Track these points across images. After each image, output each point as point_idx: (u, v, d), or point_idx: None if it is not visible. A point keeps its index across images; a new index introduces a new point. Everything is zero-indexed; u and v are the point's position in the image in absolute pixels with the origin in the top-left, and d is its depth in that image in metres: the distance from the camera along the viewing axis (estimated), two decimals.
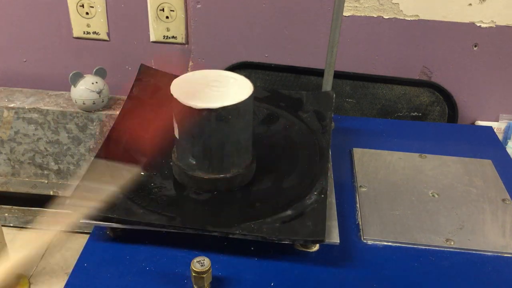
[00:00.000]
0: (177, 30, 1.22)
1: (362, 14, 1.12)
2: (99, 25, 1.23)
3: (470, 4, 1.07)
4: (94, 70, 1.15)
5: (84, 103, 1.14)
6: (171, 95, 0.57)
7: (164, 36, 1.23)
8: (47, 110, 1.21)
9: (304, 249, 0.61)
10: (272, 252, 0.60)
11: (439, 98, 1.16)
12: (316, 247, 0.61)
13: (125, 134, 0.72)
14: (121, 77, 1.28)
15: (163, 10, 1.19)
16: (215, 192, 0.63)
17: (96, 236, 0.62)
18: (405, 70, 1.17)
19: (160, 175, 0.66)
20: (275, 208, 0.60)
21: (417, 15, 1.10)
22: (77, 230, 1.40)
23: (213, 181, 0.62)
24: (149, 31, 1.23)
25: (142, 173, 0.66)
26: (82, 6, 1.21)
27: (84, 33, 1.25)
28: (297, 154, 0.70)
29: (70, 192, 0.60)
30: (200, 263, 0.52)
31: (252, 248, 0.60)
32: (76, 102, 1.15)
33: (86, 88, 1.13)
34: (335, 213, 0.63)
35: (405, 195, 0.71)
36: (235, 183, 0.63)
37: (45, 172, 1.31)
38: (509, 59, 1.13)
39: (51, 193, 1.32)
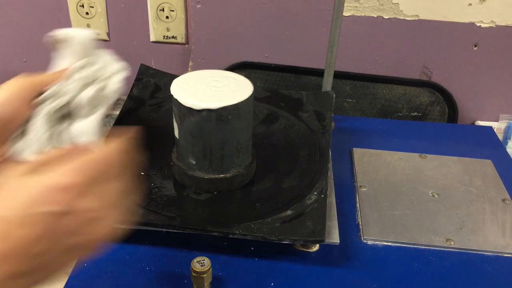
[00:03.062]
0: (177, 30, 1.22)
1: (362, 14, 1.12)
2: (99, 25, 1.23)
3: (470, 4, 1.07)
4: None
5: None
6: (171, 95, 0.57)
7: (164, 36, 1.23)
8: None
9: (304, 249, 0.61)
10: (272, 252, 0.60)
11: (439, 98, 1.16)
12: (316, 247, 0.61)
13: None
14: None
15: (163, 10, 1.19)
16: (215, 192, 0.63)
17: None
18: (405, 70, 1.17)
19: (160, 175, 0.66)
20: (275, 208, 0.60)
21: (417, 15, 1.10)
22: None
23: (213, 181, 0.62)
24: (149, 31, 1.23)
25: (142, 173, 0.66)
26: (82, 6, 1.21)
27: None
28: (297, 154, 0.70)
29: None
30: (200, 263, 0.52)
31: (252, 248, 0.60)
32: None
33: None
34: (335, 213, 0.63)
35: (405, 195, 0.71)
36: (235, 183, 0.63)
37: None
38: (509, 59, 1.13)
39: None
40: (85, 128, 0.52)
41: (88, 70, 0.53)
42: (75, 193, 0.36)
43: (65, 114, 0.53)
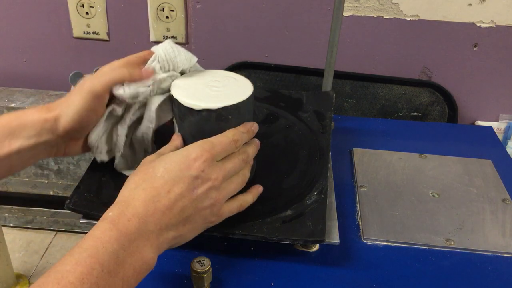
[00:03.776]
0: (177, 30, 1.22)
1: (362, 14, 1.12)
2: (99, 25, 1.23)
3: (470, 4, 1.08)
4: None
5: None
6: (171, 95, 0.57)
7: (164, 36, 1.23)
8: None
9: (304, 249, 0.61)
10: (272, 252, 0.60)
11: (439, 98, 1.17)
12: (316, 247, 0.61)
13: None
14: None
15: (163, 10, 1.19)
16: None
17: None
18: (405, 70, 1.17)
19: None
20: (275, 208, 0.60)
21: (417, 15, 1.10)
22: (77, 230, 1.41)
23: None
24: (149, 31, 1.23)
25: None
26: (82, 6, 1.21)
27: (84, 33, 1.25)
28: (297, 154, 0.70)
29: (70, 192, 0.60)
30: (200, 263, 0.52)
31: (252, 248, 0.60)
32: None
33: None
34: (335, 213, 0.63)
35: (405, 195, 0.71)
36: None
37: (45, 172, 1.32)
38: (509, 59, 1.13)
39: (51, 193, 1.33)
40: (141, 133, 0.59)
41: (167, 83, 0.58)
42: (205, 163, 0.48)
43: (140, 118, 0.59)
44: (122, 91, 0.55)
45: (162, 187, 0.46)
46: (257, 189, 0.58)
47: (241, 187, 0.55)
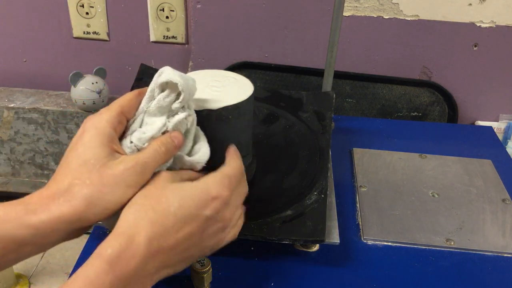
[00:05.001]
0: (177, 30, 1.22)
1: (362, 14, 1.12)
2: (99, 25, 1.23)
3: (470, 4, 1.08)
4: (94, 70, 1.15)
5: (84, 103, 1.14)
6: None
7: (164, 36, 1.23)
8: (47, 110, 1.21)
9: (304, 249, 0.61)
10: (272, 252, 0.60)
11: (439, 98, 1.17)
12: (316, 247, 0.61)
13: None
14: (121, 77, 1.28)
15: (163, 10, 1.19)
16: None
17: (96, 236, 0.62)
18: (405, 70, 1.17)
19: None
20: (275, 208, 0.60)
21: (417, 15, 1.10)
22: None
23: None
24: (149, 31, 1.23)
25: None
26: (82, 6, 1.21)
27: (84, 33, 1.25)
28: (297, 154, 0.70)
29: None
30: (200, 263, 0.52)
31: (252, 248, 0.60)
32: (76, 102, 1.15)
33: (86, 88, 1.13)
34: (335, 213, 0.63)
35: (405, 195, 0.71)
36: None
37: (45, 172, 1.31)
38: (509, 59, 1.13)
39: None
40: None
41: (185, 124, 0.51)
42: (222, 203, 0.45)
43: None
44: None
45: (172, 227, 0.42)
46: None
47: (241, 224, 0.51)
